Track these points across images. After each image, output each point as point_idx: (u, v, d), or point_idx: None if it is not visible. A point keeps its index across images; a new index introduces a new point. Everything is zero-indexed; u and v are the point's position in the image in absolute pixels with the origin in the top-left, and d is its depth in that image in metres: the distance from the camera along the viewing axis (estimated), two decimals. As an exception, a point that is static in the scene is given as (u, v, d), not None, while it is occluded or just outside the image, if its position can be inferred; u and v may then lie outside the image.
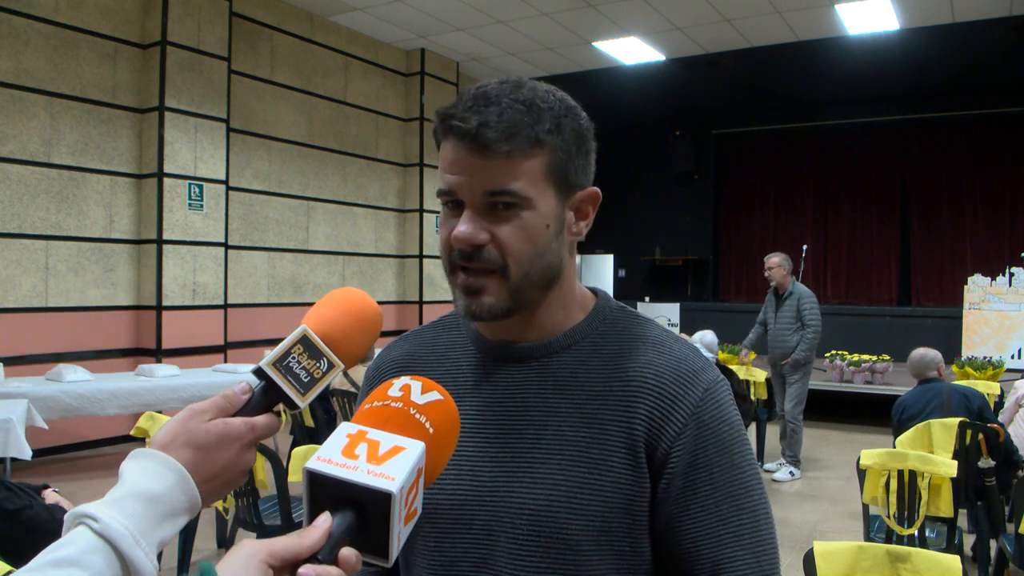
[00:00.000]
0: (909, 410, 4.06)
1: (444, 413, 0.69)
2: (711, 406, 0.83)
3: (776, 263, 5.80)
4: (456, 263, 0.84)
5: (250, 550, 0.58)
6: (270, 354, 0.72)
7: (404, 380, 0.71)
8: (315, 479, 0.62)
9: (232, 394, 0.72)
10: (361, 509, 0.61)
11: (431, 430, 0.67)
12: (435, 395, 0.70)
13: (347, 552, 0.59)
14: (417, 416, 0.67)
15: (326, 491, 0.61)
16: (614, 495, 0.81)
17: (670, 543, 0.82)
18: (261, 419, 0.72)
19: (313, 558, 0.58)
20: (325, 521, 0.60)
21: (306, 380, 0.72)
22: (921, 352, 4.23)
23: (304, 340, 0.73)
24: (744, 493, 0.82)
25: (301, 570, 0.57)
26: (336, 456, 0.62)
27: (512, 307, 0.84)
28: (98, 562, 0.59)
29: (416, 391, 0.69)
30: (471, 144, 0.79)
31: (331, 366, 0.74)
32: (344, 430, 0.65)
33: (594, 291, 0.96)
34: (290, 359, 0.72)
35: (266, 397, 0.73)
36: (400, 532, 0.62)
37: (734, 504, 0.81)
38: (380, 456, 0.62)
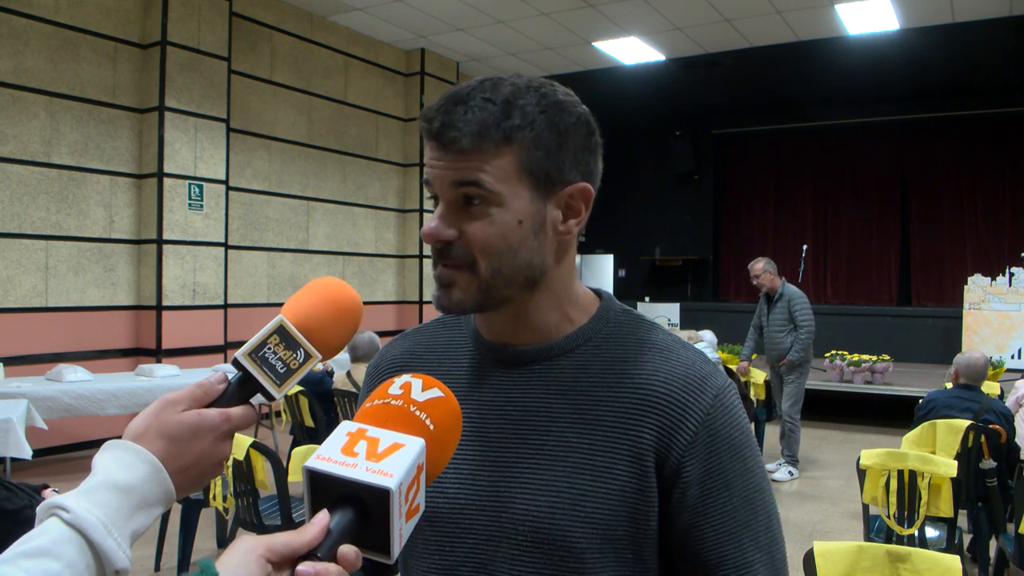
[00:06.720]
0: (940, 410, 3.98)
1: (445, 410, 0.69)
2: (722, 412, 0.82)
3: (761, 268, 5.73)
4: (434, 257, 0.84)
5: (248, 545, 0.57)
6: (246, 344, 0.71)
7: (405, 378, 0.71)
8: (315, 478, 0.62)
9: (208, 384, 0.71)
10: (362, 506, 0.61)
11: (431, 427, 0.67)
12: (436, 392, 0.70)
13: (346, 549, 0.59)
14: (417, 413, 0.67)
15: (326, 489, 0.62)
16: (619, 503, 0.80)
17: (690, 551, 0.82)
18: (237, 410, 0.71)
19: (313, 555, 0.58)
20: (323, 517, 0.60)
21: (282, 371, 0.72)
22: (985, 359, 4.12)
23: (280, 330, 0.72)
24: (758, 495, 0.83)
25: (300, 568, 0.57)
26: (335, 454, 0.62)
27: (483, 303, 0.83)
28: (70, 552, 0.59)
29: (416, 388, 0.69)
30: (437, 143, 0.81)
31: (308, 357, 0.73)
32: (344, 428, 0.65)
33: (598, 293, 0.94)
34: (266, 350, 0.71)
35: (242, 388, 0.72)
36: (402, 529, 0.62)
37: (751, 507, 0.82)
38: (379, 453, 0.62)
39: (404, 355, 0.98)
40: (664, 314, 11.02)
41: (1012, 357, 8.46)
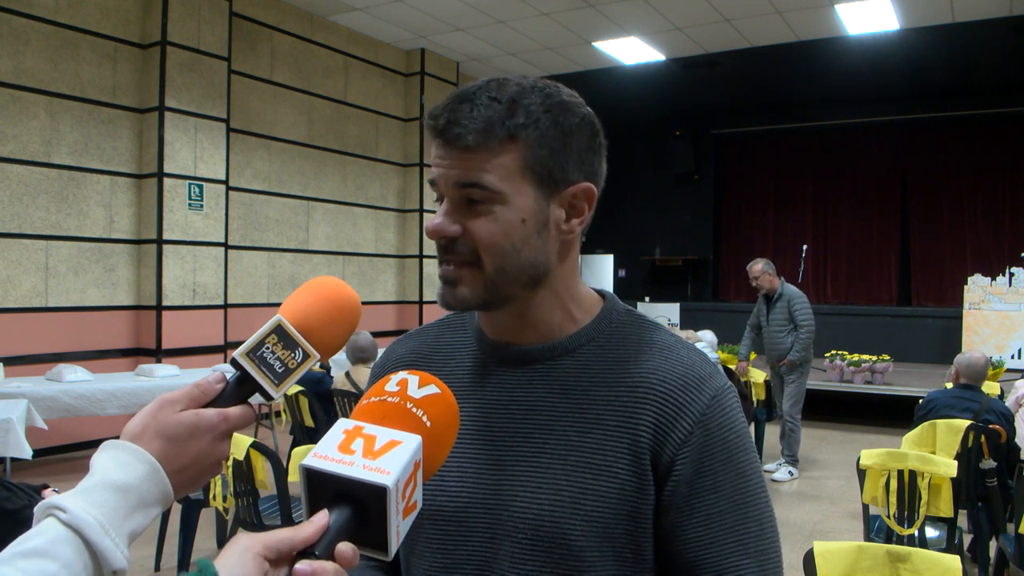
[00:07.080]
0: (940, 410, 3.97)
1: (442, 406, 0.69)
2: (718, 413, 0.82)
3: (760, 270, 5.72)
4: (439, 254, 0.85)
5: (245, 544, 0.57)
6: (244, 344, 0.71)
7: (402, 375, 0.71)
8: (312, 475, 0.62)
9: (206, 384, 0.71)
10: (359, 504, 0.61)
11: (428, 424, 0.67)
12: (432, 389, 0.70)
13: (343, 547, 0.59)
14: (414, 410, 0.67)
15: (323, 487, 0.62)
16: (619, 502, 0.80)
17: (673, 550, 0.81)
18: (235, 410, 0.71)
19: (310, 553, 0.58)
20: (322, 517, 0.60)
21: (280, 371, 0.71)
22: (985, 359, 4.11)
23: (279, 330, 0.72)
24: (750, 502, 0.82)
25: (297, 567, 0.57)
26: (332, 452, 0.62)
27: (489, 300, 0.84)
28: (67, 552, 0.59)
29: (413, 385, 0.69)
30: (443, 140, 0.81)
31: (306, 356, 0.73)
32: (341, 426, 0.65)
33: (601, 293, 0.95)
34: (264, 349, 0.71)
35: (240, 387, 0.72)
36: (399, 526, 0.62)
37: (740, 513, 0.81)
38: (376, 451, 0.62)
39: (410, 355, 0.99)
40: (664, 314, 11.02)
41: (1012, 357, 8.46)
